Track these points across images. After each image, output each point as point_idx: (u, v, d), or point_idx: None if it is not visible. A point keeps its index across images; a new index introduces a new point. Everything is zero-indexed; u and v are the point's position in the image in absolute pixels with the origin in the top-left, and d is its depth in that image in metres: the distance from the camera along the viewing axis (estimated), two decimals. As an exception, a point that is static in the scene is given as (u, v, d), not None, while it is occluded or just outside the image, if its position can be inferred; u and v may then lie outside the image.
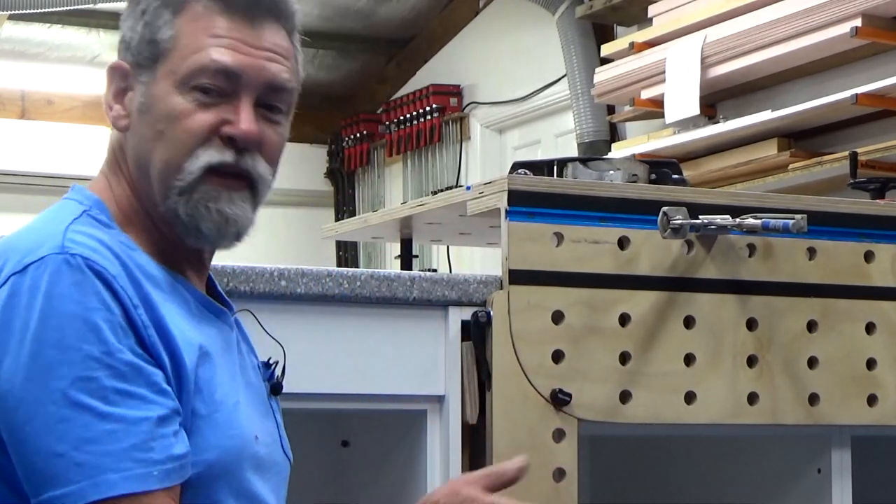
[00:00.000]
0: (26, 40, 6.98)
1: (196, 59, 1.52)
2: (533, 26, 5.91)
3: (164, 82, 1.53)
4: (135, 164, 1.56)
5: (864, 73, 3.89)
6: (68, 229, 1.45)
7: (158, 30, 1.54)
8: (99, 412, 1.36)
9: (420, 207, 2.49)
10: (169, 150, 1.52)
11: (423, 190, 6.71)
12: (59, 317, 1.38)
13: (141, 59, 1.54)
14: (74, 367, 1.36)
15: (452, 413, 2.04)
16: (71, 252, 1.41)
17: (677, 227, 2.13)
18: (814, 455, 2.35)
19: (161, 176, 1.53)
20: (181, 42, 1.53)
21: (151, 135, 1.53)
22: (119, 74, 1.57)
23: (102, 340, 1.38)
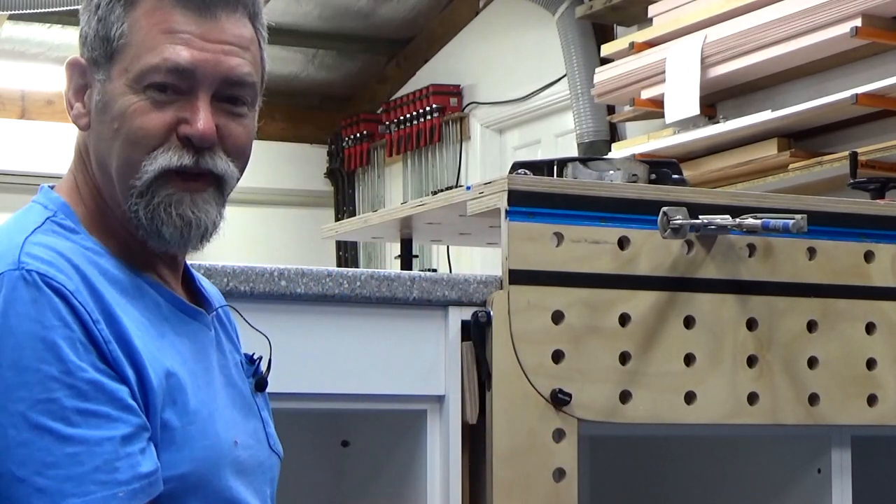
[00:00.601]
0: (26, 40, 6.98)
1: (149, 58, 1.47)
2: (533, 26, 5.91)
3: (118, 80, 1.48)
4: (96, 163, 1.51)
5: (864, 73, 3.89)
6: (26, 242, 1.41)
7: (111, 26, 1.49)
8: (60, 434, 1.31)
9: (420, 207, 2.49)
10: (126, 149, 1.48)
11: (423, 190, 6.71)
12: (15, 336, 1.33)
13: (96, 55, 1.50)
14: (33, 388, 1.32)
15: (452, 413, 2.04)
16: (27, 268, 1.37)
17: (677, 227, 2.13)
18: (814, 455, 2.35)
19: (119, 175, 1.48)
20: (134, 39, 1.48)
21: (109, 134, 1.49)
22: (78, 71, 1.53)
23: (61, 359, 1.33)
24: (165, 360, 1.43)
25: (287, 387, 1.87)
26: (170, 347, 1.46)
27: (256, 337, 1.71)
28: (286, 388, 1.87)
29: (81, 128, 1.53)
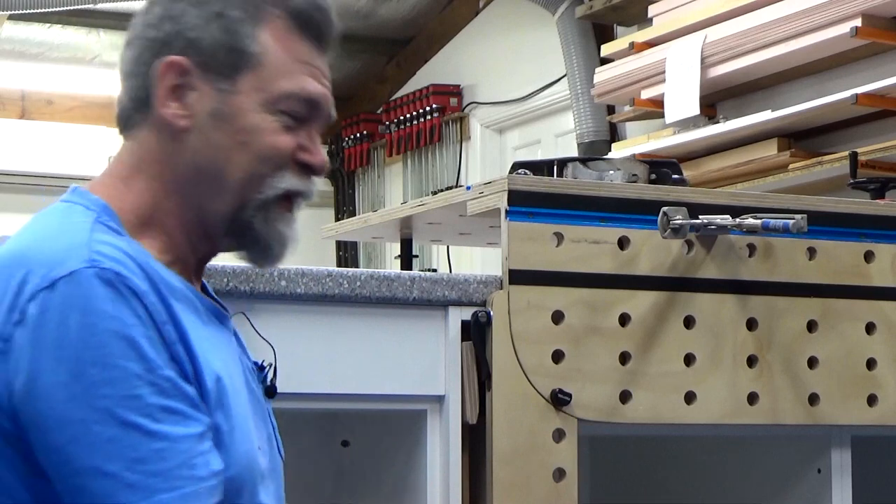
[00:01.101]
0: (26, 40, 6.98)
1: (288, 84, 1.53)
2: (533, 26, 5.91)
3: (249, 96, 1.51)
4: (193, 167, 1.51)
5: (864, 73, 3.89)
6: (92, 240, 1.41)
7: (242, 40, 1.51)
8: (146, 430, 1.34)
9: (420, 207, 2.49)
10: (254, 163, 1.51)
11: (423, 190, 6.71)
12: (97, 334, 1.35)
13: (215, 63, 1.50)
14: (118, 385, 1.34)
15: (452, 413, 2.04)
16: (101, 266, 1.38)
17: (677, 227, 2.13)
18: (814, 455, 2.35)
19: (240, 186, 1.51)
20: (269, 60, 1.52)
21: (231, 144, 1.51)
22: (177, 71, 1.50)
23: (143, 357, 1.36)
24: (214, 364, 1.45)
25: (287, 387, 1.87)
26: (215, 351, 1.48)
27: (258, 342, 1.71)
28: (286, 388, 1.87)
29: (177, 129, 1.52)
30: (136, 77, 1.53)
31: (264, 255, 1.55)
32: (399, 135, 6.91)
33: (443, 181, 6.61)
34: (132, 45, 1.54)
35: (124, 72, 1.55)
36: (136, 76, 1.53)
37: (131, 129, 1.54)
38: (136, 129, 1.54)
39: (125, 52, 1.56)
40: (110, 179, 1.55)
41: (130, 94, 1.54)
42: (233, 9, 1.52)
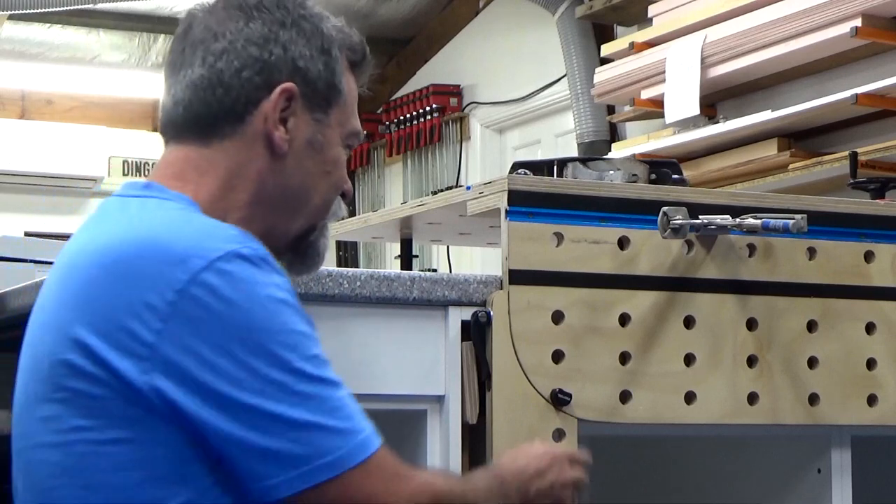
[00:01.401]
0: (26, 40, 6.98)
1: (354, 123, 1.69)
2: (533, 26, 5.91)
3: (335, 130, 1.66)
4: (283, 187, 1.61)
5: (864, 73, 3.89)
6: (220, 225, 1.51)
7: (338, 77, 1.65)
8: (331, 382, 1.47)
9: (420, 207, 2.49)
10: (329, 191, 1.66)
11: (423, 190, 6.71)
12: (265, 305, 1.44)
13: (316, 96, 1.63)
14: (299, 348, 1.45)
15: (452, 413, 2.04)
16: (248, 244, 1.47)
17: (677, 227, 2.13)
18: (814, 455, 2.35)
19: (315, 211, 1.66)
20: (349, 99, 1.68)
21: (318, 172, 1.64)
22: (286, 97, 1.60)
23: (304, 319, 1.48)
24: None
25: (287, 387, 1.87)
26: None
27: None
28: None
29: (279, 153, 1.61)
30: (233, 89, 1.59)
31: (313, 268, 1.73)
32: (399, 135, 6.91)
33: (443, 181, 6.61)
34: (227, 56, 1.59)
35: (212, 80, 1.59)
36: (233, 88, 1.59)
37: (213, 137, 1.60)
38: (222, 138, 1.60)
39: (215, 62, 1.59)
40: (180, 182, 1.59)
41: (223, 104, 1.59)
42: (333, 47, 1.64)
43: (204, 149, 1.60)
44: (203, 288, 1.42)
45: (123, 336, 1.42)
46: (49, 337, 1.49)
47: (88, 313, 1.44)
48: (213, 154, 1.59)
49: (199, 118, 1.60)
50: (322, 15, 1.65)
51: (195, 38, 1.62)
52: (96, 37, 7.14)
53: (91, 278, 1.47)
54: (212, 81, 1.59)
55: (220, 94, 1.59)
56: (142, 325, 1.42)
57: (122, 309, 1.43)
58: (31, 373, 1.52)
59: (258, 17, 1.60)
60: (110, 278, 1.45)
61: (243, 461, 1.43)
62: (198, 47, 1.61)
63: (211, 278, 1.43)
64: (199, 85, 1.59)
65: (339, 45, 1.66)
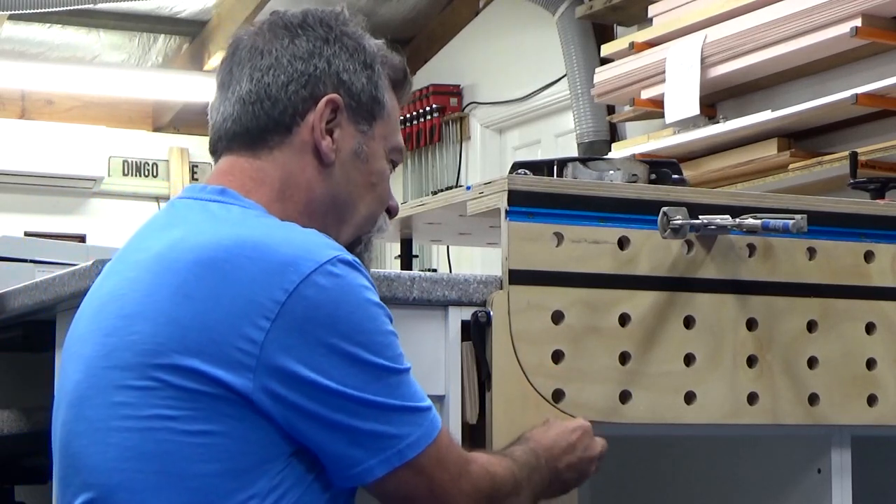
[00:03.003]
0: (26, 40, 6.99)
1: (398, 139, 1.77)
2: (533, 26, 5.91)
3: (379, 143, 1.72)
4: (330, 197, 1.68)
5: (864, 73, 3.89)
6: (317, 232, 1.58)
7: (383, 92, 1.73)
8: (409, 374, 1.59)
9: (420, 207, 2.49)
10: (374, 204, 1.74)
11: (423, 190, 6.71)
12: (367, 307, 1.54)
13: (360, 108, 1.70)
14: (391, 346, 1.57)
15: (452, 413, 2.04)
16: (346, 253, 1.56)
17: (677, 227, 2.13)
18: (814, 455, 2.35)
19: (361, 222, 1.72)
20: (392, 115, 1.75)
21: (363, 183, 1.70)
22: (332, 108, 1.67)
23: (391, 320, 1.59)
24: None
25: (287, 387, 1.87)
26: None
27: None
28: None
29: (326, 162, 1.67)
30: (280, 102, 1.67)
31: None
32: (399, 135, 6.92)
33: (443, 181, 6.62)
34: (273, 71, 1.67)
35: (260, 94, 1.67)
36: (280, 101, 1.67)
37: (262, 149, 1.67)
38: (272, 149, 1.67)
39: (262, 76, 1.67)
40: (241, 191, 1.65)
41: (271, 116, 1.67)
42: (375, 62, 1.73)
43: (255, 160, 1.67)
44: (314, 288, 1.50)
45: (228, 348, 1.48)
46: (141, 327, 1.52)
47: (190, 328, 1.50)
48: (263, 164, 1.67)
49: (248, 131, 1.67)
50: (364, 34, 1.74)
51: (242, 58, 1.70)
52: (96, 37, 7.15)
53: (191, 275, 1.52)
54: (259, 95, 1.67)
55: (268, 107, 1.67)
56: (250, 325, 1.48)
57: (226, 310, 1.49)
58: (102, 359, 1.55)
59: (303, 35, 1.69)
60: (214, 277, 1.51)
61: (342, 449, 1.53)
62: (245, 65, 1.69)
63: (322, 280, 1.51)
64: (247, 100, 1.68)
65: (382, 63, 1.74)
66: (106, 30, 7.09)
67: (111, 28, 7.10)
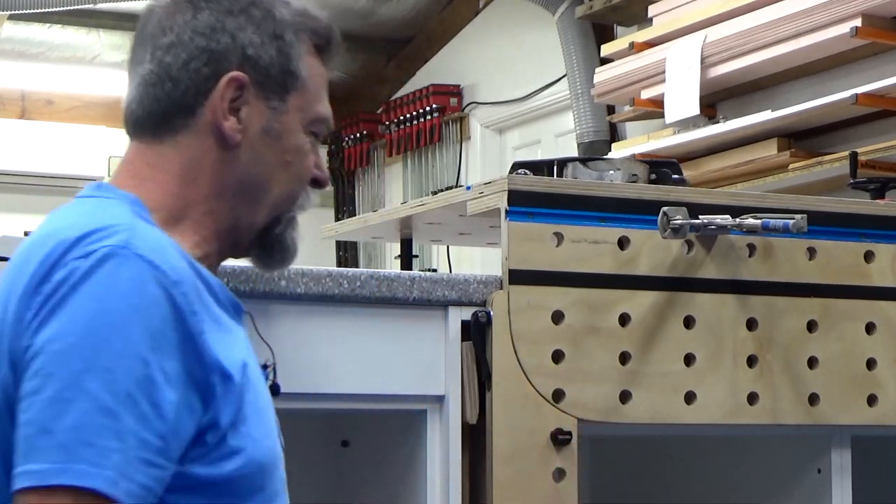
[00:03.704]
0: (26, 40, 6.98)
1: (320, 109, 1.64)
2: (533, 26, 5.91)
3: (294, 116, 1.60)
4: (240, 179, 1.58)
5: (864, 73, 3.89)
6: (135, 226, 1.45)
7: (294, 62, 1.60)
8: (102, 405, 1.34)
9: (420, 207, 2.49)
10: (292, 182, 1.62)
11: (423, 190, 6.71)
12: (101, 307, 1.37)
13: (270, 82, 1.58)
14: (99, 354, 1.36)
15: (452, 413, 2.04)
16: (135, 251, 1.41)
17: (677, 227, 2.13)
18: (814, 455, 2.35)
19: (276, 202, 1.61)
20: (310, 83, 1.62)
21: (277, 162, 1.60)
22: (237, 86, 1.57)
23: (132, 342, 1.37)
24: (241, 352, 1.50)
25: (287, 387, 1.87)
26: (242, 339, 1.54)
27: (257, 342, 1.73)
28: (286, 388, 1.87)
29: (231, 143, 1.57)
30: (181, 82, 1.57)
31: (283, 263, 1.67)
32: (399, 135, 6.91)
33: (443, 181, 6.61)
34: (174, 50, 1.57)
35: (161, 74, 1.57)
36: (181, 81, 1.57)
37: (166, 133, 1.57)
38: (175, 133, 1.57)
39: (163, 56, 1.57)
40: (136, 180, 1.57)
41: (172, 98, 1.57)
42: (286, 31, 1.60)
43: (158, 145, 1.57)
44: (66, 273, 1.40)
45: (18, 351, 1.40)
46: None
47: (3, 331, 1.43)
48: (166, 150, 1.57)
49: (151, 114, 1.57)
50: (276, 1, 1.61)
51: (145, 36, 1.60)
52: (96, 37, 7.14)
53: (9, 276, 1.47)
54: (160, 76, 1.57)
55: (169, 89, 1.56)
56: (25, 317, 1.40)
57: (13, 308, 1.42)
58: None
59: (206, 8, 1.57)
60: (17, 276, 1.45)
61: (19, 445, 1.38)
62: (148, 44, 1.59)
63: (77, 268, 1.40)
64: (148, 81, 1.58)
65: (297, 30, 1.61)
66: (106, 30, 7.08)
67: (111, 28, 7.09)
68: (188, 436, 1.40)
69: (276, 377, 1.77)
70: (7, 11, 5.97)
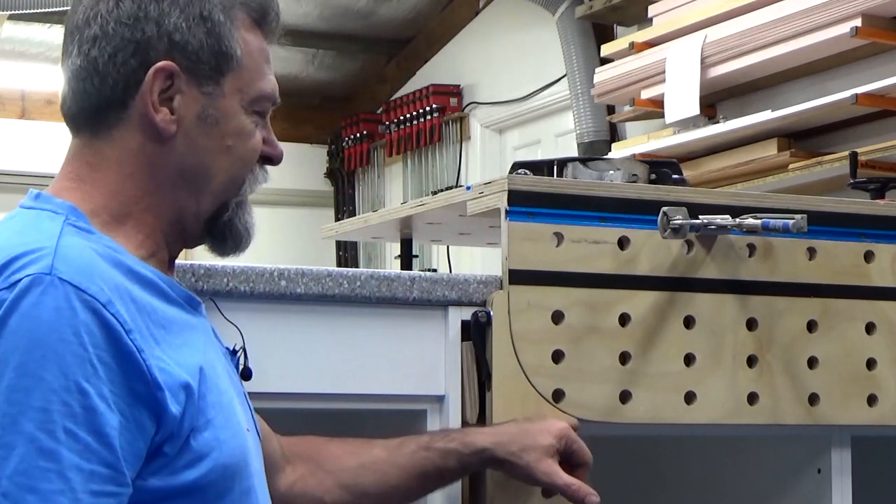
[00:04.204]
0: (26, 40, 6.98)
1: (262, 85, 1.57)
2: (533, 26, 5.91)
3: (232, 98, 1.54)
4: (178, 170, 1.53)
5: (864, 73, 3.89)
6: (59, 247, 1.40)
7: (226, 42, 1.53)
8: (40, 446, 1.30)
9: (420, 207, 2.49)
10: (237, 166, 1.56)
11: (423, 190, 6.72)
12: (29, 341, 1.33)
13: (202, 67, 1.52)
14: (32, 394, 1.31)
15: (452, 413, 2.04)
16: (59, 276, 1.36)
17: (677, 227, 2.13)
18: (814, 455, 2.35)
19: (221, 189, 1.55)
20: (247, 62, 1.55)
21: (217, 148, 1.54)
22: (165, 75, 1.51)
23: (65, 375, 1.33)
24: (194, 356, 1.46)
25: (287, 387, 1.87)
26: (194, 340, 1.49)
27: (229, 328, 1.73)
28: (286, 387, 1.87)
29: (166, 135, 1.52)
30: (109, 76, 1.51)
31: (237, 248, 1.61)
32: (399, 135, 6.92)
33: (443, 181, 6.62)
34: (100, 42, 1.51)
35: (89, 69, 1.52)
36: (109, 75, 1.51)
37: (101, 128, 1.53)
38: (110, 128, 1.53)
39: (89, 49, 1.52)
40: (75, 182, 1.54)
41: (102, 93, 1.52)
42: (214, 11, 1.52)
43: (96, 141, 1.54)
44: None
45: None
46: None
47: None
48: (103, 146, 1.53)
49: (84, 110, 1.54)
50: None
51: (73, 26, 1.54)
52: (96, 37, 7.13)
53: None
54: (88, 71, 1.52)
55: (98, 83, 1.51)
56: None
57: None
58: None
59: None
60: None
61: None
62: (75, 36, 1.54)
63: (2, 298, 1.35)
64: (78, 76, 1.53)
65: (227, 7, 1.53)
66: (106, 30, 7.09)
67: (111, 28, 7.09)
68: (142, 454, 1.37)
69: (248, 361, 1.73)
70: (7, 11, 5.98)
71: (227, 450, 1.46)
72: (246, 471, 1.50)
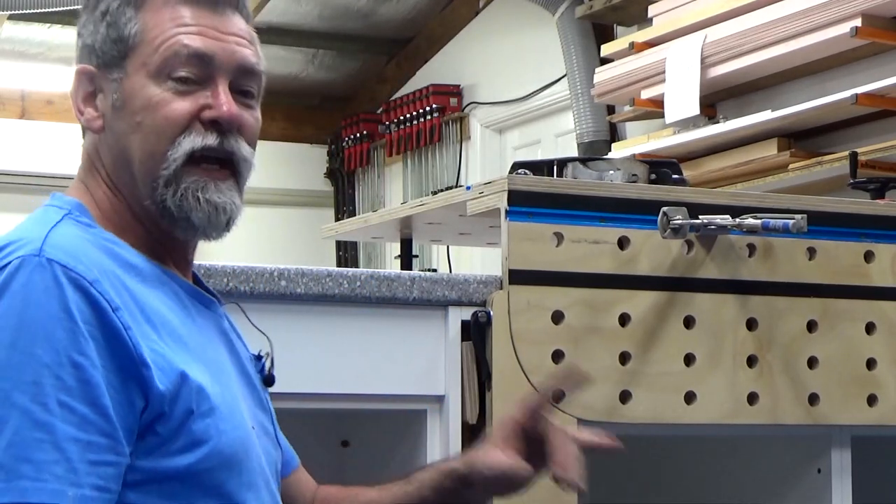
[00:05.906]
0: (26, 40, 6.98)
1: (167, 46, 1.53)
2: (533, 26, 5.91)
3: (137, 75, 1.54)
4: (114, 161, 1.56)
5: (864, 73, 3.89)
6: (50, 233, 1.45)
7: (124, 27, 1.55)
8: (34, 418, 1.34)
9: (420, 207, 2.49)
10: (150, 140, 1.53)
11: (423, 190, 6.71)
12: (20, 319, 1.37)
13: (108, 58, 1.56)
14: (24, 370, 1.35)
15: (452, 413, 2.04)
16: (47, 256, 1.40)
17: (677, 227, 2.13)
18: (814, 455, 2.35)
19: (144, 168, 1.53)
20: (149, 34, 1.54)
21: (129, 128, 1.54)
22: (86, 78, 1.57)
23: (56, 350, 1.36)
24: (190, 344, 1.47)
25: (287, 386, 1.87)
26: (196, 333, 1.51)
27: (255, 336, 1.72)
28: (286, 387, 1.87)
29: (95, 130, 1.58)
30: None
31: (189, 229, 1.55)
32: (399, 135, 6.91)
33: (443, 181, 6.62)
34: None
35: None
36: None
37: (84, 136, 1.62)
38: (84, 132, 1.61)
39: None
40: (78, 182, 1.61)
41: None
42: (112, 4, 1.56)
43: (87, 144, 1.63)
44: None
45: None
46: None
47: None
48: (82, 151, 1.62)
49: None
50: None
51: None
52: (96, 37, 7.13)
53: None
54: None
55: None
56: None
57: None
58: None
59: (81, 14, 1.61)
60: None
61: None
62: None
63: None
64: None
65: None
66: (106, 30, 7.09)
67: (111, 28, 7.09)
68: (133, 429, 1.40)
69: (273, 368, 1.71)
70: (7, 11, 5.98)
71: (227, 440, 1.46)
72: (247, 465, 1.50)
